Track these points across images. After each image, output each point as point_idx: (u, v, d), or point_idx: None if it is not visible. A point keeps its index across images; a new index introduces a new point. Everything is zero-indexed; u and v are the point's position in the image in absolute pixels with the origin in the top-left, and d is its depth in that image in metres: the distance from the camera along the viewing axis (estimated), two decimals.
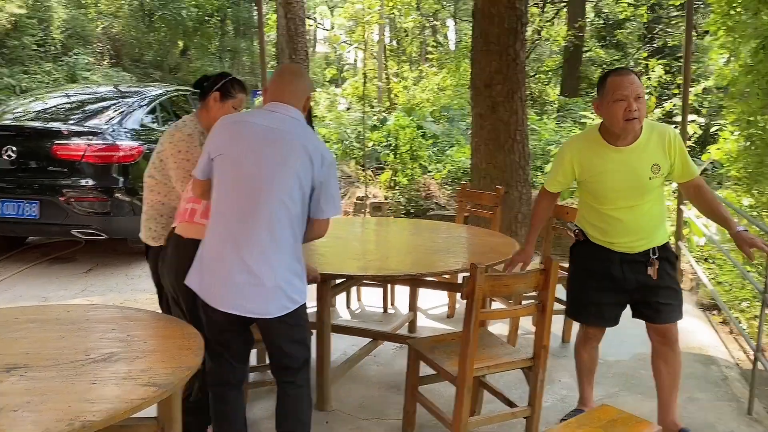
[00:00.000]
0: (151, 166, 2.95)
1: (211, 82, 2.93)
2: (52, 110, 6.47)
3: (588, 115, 8.73)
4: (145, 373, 1.82)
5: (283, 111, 2.36)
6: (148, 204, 2.95)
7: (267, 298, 2.26)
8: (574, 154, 2.85)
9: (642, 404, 3.38)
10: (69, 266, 5.91)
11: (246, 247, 2.24)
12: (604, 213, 2.84)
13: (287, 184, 2.25)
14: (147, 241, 2.94)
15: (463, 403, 2.55)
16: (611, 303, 2.95)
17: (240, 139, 2.32)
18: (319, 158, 2.29)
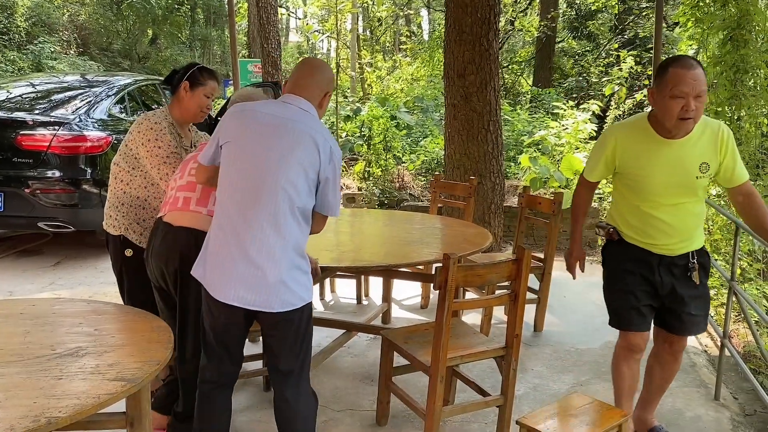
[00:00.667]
0: (118, 153, 2.94)
1: (180, 74, 2.92)
2: (16, 99, 6.31)
3: (560, 106, 8.79)
4: (113, 368, 1.78)
5: (296, 103, 2.31)
6: (111, 192, 2.95)
7: (270, 292, 2.19)
8: (618, 142, 2.60)
9: (612, 391, 3.41)
10: (36, 259, 5.80)
11: (249, 237, 2.19)
12: (644, 211, 2.60)
13: (292, 174, 2.20)
14: (107, 230, 2.93)
15: (436, 392, 2.55)
16: (649, 306, 2.70)
17: (247, 127, 2.26)
18: (328, 152, 2.25)
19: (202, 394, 2.40)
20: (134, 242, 2.89)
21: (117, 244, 2.92)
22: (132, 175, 2.89)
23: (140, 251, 2.87)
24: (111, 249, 2.98)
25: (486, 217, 6.19)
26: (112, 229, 2.92)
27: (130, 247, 2.90)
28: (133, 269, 2.90)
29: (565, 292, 5.09)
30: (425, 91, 11.92)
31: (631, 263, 2.67)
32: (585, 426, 2.24)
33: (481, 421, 3.06)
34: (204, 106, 2.94)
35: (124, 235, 2.89)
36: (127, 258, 2.91)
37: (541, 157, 7.27)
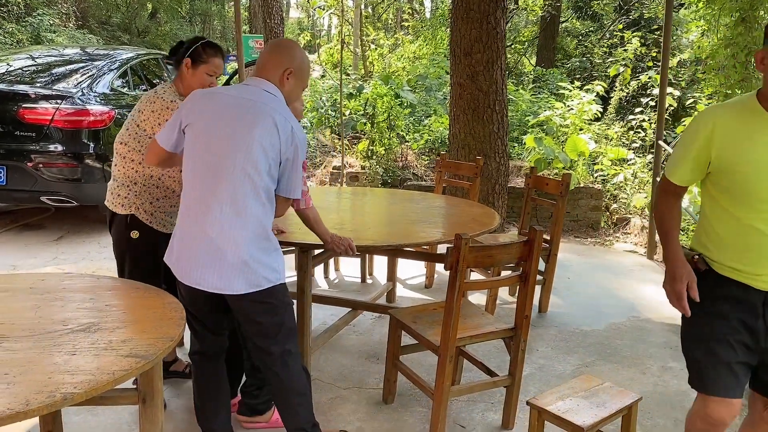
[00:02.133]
0: (125, 132, 2.81)
1: (184, 49, 2.81)
2: (17, 72, 6.24)
3: (566, 87, 8.72)
4: (127, 344, 1.77)
5: (257, 84, 2.29)
6: (121, 171, 2.83)
7: (231, 274, 2.18)
8: (717, 128, 1.91)
9: (618, 372, 3.44)
10: (39, 234, 5.78)
11: (210, 220, 2.18)
12: (747, 225, 1.91)
13: (252, 154, 2.16)
14: (115, 209, 2.82)
15: (446, 372, 2.55)
16: (745, 365, 2.00)
17: (208, 110, 2.24)
18: (288, 132, 2.21)
19: (194, 364, 2.51)
20: (144, 222, 2.80)
21: (123, 224, 2.82)
22: (143, 155, 2.76)
23: (148, 233, 2.81)
24: (115, 229, 2.88)
25: (490, 197, 6.17)
26: (120, 208, 2.81)
27: (136, 229, 2.81)
28: (137, 252, 2.84)
29: (568, 273, 5.10)
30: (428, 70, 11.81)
31: (723, 304, 1.97)
32: (596, 407, 2.24)
33: (488, 401, 3.06)
34: (206, 84, 2.83)
35: (134, 214, 2.80)
36: (132, 240, 2.82)
37: (545, 137, 7.23)
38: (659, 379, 3.39)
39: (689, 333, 2.09)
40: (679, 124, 8.25)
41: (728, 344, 1.95)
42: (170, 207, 2.88)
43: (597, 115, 8.10)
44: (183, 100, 2.79)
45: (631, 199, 6.85)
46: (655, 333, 3.99)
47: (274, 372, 2.35)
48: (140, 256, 2.85)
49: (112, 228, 2.89)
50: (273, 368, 2.35)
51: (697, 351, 2.04)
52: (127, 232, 2.82)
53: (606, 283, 4.94)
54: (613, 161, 7.37)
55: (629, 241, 6.35)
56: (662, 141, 5.50)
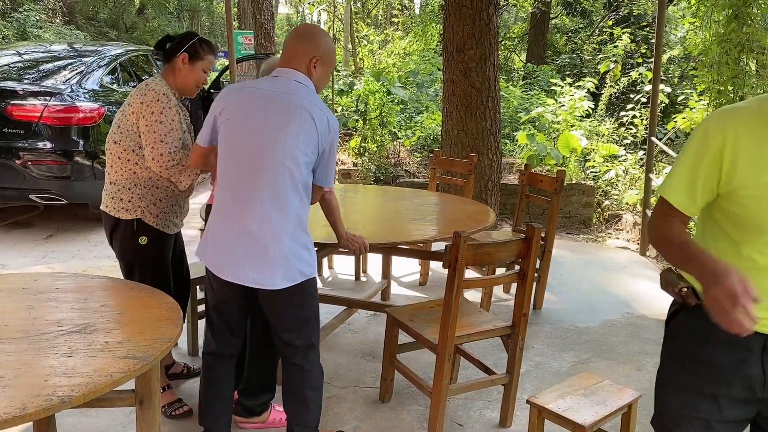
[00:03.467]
0: (117, 130, 2.67)
1: (176, 43, 2.74)
2: (4, 69, 6.15)
3: (557, 83, 8.73)
4: (123, 345, 1.74)
5: (288, 75, 2.27)
6: (118, 173, 2.67)
7: (272, 268, 2.18)
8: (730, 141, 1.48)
9: (614, 369, 3.44)
10: (28, 232, 5.71)
11: (249, 214, 2.17)
12: (749, 259, 1.52)
13: (290, 147, 2.16)
14: (118, 214, 2.66)
15: (444, 370, 2.54)
16: (731, 422, 1.63)
17: (242, 106, 2.23)
18: (325, 123, 2.20)
19: (205, 364, 2.46)
20: (152, 225, 2.69)
21: (130, 230, 2.68)
22: (139, 155, 2.65)
23: (156, 237, 2.72)
24: (120, 236, 2.71)
25: (483, 194, 6.16)
26: (124, 213, 2.66)
27: (144, 234, 2.68)
28: (148, 258, 2.73)
29: (561, 270, 5.10)
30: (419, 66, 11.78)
31: (715, 348, 1.59)
32: (596, 405, 2.23)
33: (485, 399, 3.05)
34: (201, 81, 2.78)
35: (141, 218, 2.67)
36: (140, 246, 2.70)
37: (537, 134, 7.23)
38: (650, 375, 3.38)
39: (669, 378, 1.71)
40: (670, 120, 8.28)
41: (713, 399, 1.60)
42: (172, 207, 2.77)
43: (588, 112, 8.11)
44: (176, 95, 2.73)
45: (622, 196, 6.87)
46: (650, 329, 4.00)
47: (295, 364, 2.36)
48: (151, 261, 2.74)
49: (116, 235, 2.72)
50: (293, 360, 2.36)
51: (674, 401, 1.68)
52: (135, 238, 2.69)
53: (599, 279, 4.95)
54: (605, 158, 7.38)
55: (621, 238, 6.36)
56: (654, 137, 5.51)
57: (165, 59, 2.75)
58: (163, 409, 2.78)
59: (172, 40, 2.77)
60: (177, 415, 2.81)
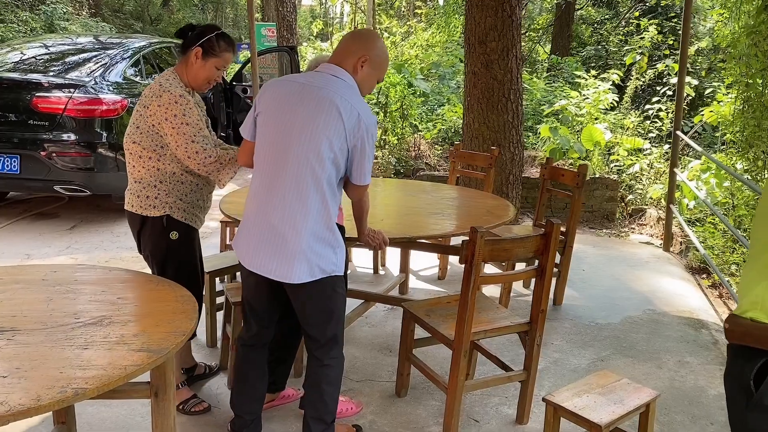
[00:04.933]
0: (135, 130, 2.62)
1: (195, 35, 2.64)
2: (30, 61, 6.24)
3: (582, 75, 8.62)
4: (138, 338, 1.75)
5: (328, 70, 2.28)
6: (141, 173, 2.64)
7: (291, 262, 2.20)
8: None
9: (633, 367, 3.39)
10: (52, 223, 5.79)
11: (272, 207, 2.21)
12: None
13: (314, 143, 2.15)
14: (146, 212, 2.63)
15: (460, 366, 2.52)
16: None
17: (275, 98, 2.25)
18: (354, 118, 2.16)
19: (237, 353, 2.53)
20: (180, 220, 2.67)
21: (159, 227, 2.64)
22: (160, 153, 2.61)
23: (186, 231, 2.70)
24: (150, 234, 2.67)
25: (504, 188, 6.11)
26: (152, 210, 2.63)
27: (175, 229, 2.66)
28: (179, 254, 2.71)
29: (583, 265, 5.04)
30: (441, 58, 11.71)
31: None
32: (613, 404, 2.20)
33: (502, 395, 3.03)
34: (213, 78, 2.69)
35: (170, 214, 2.64)
36: (172, 242, 2.67)
37: (561, 127, 7.15)
38: (676, 374, 3.34)
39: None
40: (697, 113, 8.13)
41: None
42: (197, 201, 2.75)
43: (613, 105, 8.00)
44: (189, 92, 2.66)
45: (647, 190, 6.77)
46: (672, 327, 3.94)
47: (315, 357, 2.39)
48: (183, 256, 2.73)
49: (145, 233, 2.69)
50: (314, 353, 2.39)
51: None
52: (165, 234, 2.66)
53: (621, 275, 4.88)
54: (629, 151, 7.28)
55: (645, 233, 6.27)
56: (680, 131, 5.41)
57: (182, 50, 2.69)
58: (181, 407, 2.80)
59: (194, 29, 2.68)
60: (196, 412, 2.82)
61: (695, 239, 4.98)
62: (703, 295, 4.57)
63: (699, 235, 5.41)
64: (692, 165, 6.37)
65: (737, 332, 1.35)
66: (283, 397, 2.88)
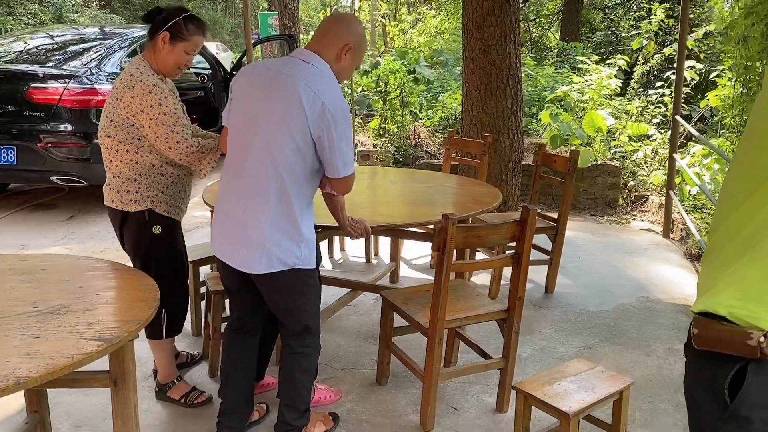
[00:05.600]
0: (109, 124, 2.52)
1: (162, 18, 2.52)
2: (31, 52, 6.27)
3: (584, 60, 8.50)
4: (93, 327, 1.74)
5: (303, 57, 2.21)
6: (119, 167, 2.55)
7: (248, 251, 2.18)
8: None
9: (621, 355, 3.34)
10: (50, 213, 5.83)
11: (236, 196, 2.20)
12: None
13: (275, 132, 2.11)
14: (127, 207, 2.56)
15: (434, 354, 2.49)
16: None
17: (248, 84, 2.22)
18: (317, 107, 2.07)
19: (224, 338, 2.53)
20: (163, 214, 2.61)
21: (141, 221, 2.58)
22: (138, 146, 2.53)
23: (168, 225, 2.65)
24: (131, 229, 2.61)
25: (503, 175, 6.05)
26: (133, 204, 2.56)
27: (157, 223, 2.60)
28: (163, 247, 2.66)
29: (580, 253, 4.98)
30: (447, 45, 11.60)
31: None
32: (584, 392, 2.16)
33: (483, 383, 3.00)
34: (182, 63, 2.58)
35: (151, 208, 2.57)
36: (155, 236, 2.61)
37: (562, 113, 7.06)
38: (664, 361, 3.29)
39: None
40: (703, 98, 7.99)
41: None
42: (179, 192, 2.70)
43: (617, 90, 7.88)
44: (162, 79, 2.58)
45: (649, 176, 6.67)
46: (664, 314, 3.88)
47: (288, 344, 2.38)
48: (167, 250, 2.69)
49: (127, 229, 2.63)
50: (287, 340, 2.38)
51: None
52: (147, 229, 2.60)
53: (618, 262, 4.82)
54: (633, 137, 7.17)
55: (646, 220, 6.19)
56: (678, 116, 5.31)
57: (149, 34, 2.57)
58: (182, 400, 2.80)
59: (161, 12, 2.56)
60: (199, 403, 2.81)
61: (692, 226, 4.90)
62: None
63: (698, 222, 5.33)
64: (694, 150, 6.26)
65: (710, 338, 1.22)
66: (263, 385, 2.88)
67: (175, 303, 2.78)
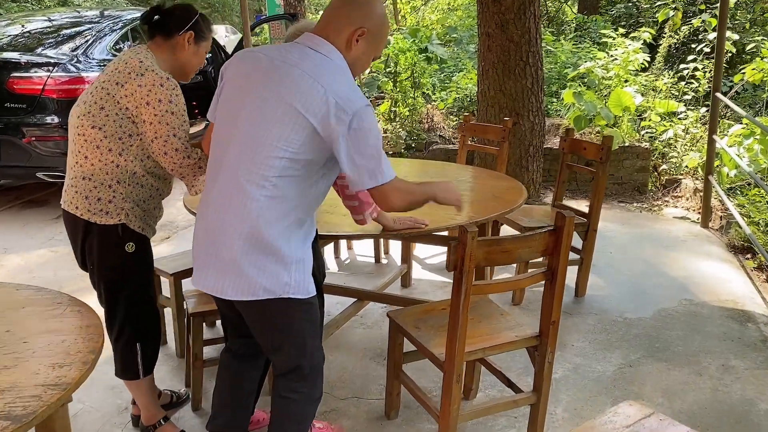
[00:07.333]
0: (99, 112, 2.13)
1: (180, 17, 2.25)
2: (16, 38, 5.86)
3: (609, 34, 7.95)
4: (5, 396, 1.34)
5: (310, 43, 1.78)
6: (95, 166, 2.14)
7: (221, 274, 1.78)
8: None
9: (668, 375, 2.90)
10: (39, 211, 5.46)
11: (212, 209, 1.80)
12: None
13: (262, 131, 1.70)
14: (96, 218, 2.15)
15: (452, 393, 2.07)
16: None
17: (238, 74, 1.82)
18: (324, 106, 1.66)
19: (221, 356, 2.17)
20: (137, 230, 2.23)
21: (113, 237, 2.19)
22: (124, 146, 2.15)
23: (143, 243, 2.26)
24: (100, 244, 2.20)
25: (523, 161, 5.59)
26: (104, 216, 2.16)
27: (131, 240, 2.22)
28: (135, 268, 2.27)
29: (610, 247, 4.52)
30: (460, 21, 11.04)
31: None
32: None
33: (510, 415, 2.57)
34: (201, 65, 2.38)
35: (125, 222, 2.19)
36: (129, 255, 2.23)
37: (586, 92, 6.54)
38: (719, 382, 2.84)
39: None
40: (737, 71, 7.42)
41: None
42: (154, 209, 2.32)
43: (644, 65, 7.33)
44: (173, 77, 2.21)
45: (682, 158, 6.16)
46: (713, 321, 3.42)
47: (276, 385, 1.97)
48: (139, 272, 2.30)
49: (91, 243, 2.21)
50: (275, 380, 1.98)
51: None
52: (120, 246, 2.21)
53: (654, 257, 4.35)
54: (662, 116, 6.64)
55: (680, 206, 5.69)
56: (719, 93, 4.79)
57: (164, 33, 2.24)
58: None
59: (160, 11, 2.25)
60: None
61: (737, 214, 4.41)
62: (748, 280, 4.01)
63: (742, 209, 4.83)
64: (733, 130, 5.73)
65: None
66: (253, 422, 2.47)
67: (151, 334, 2.39)
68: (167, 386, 2.79)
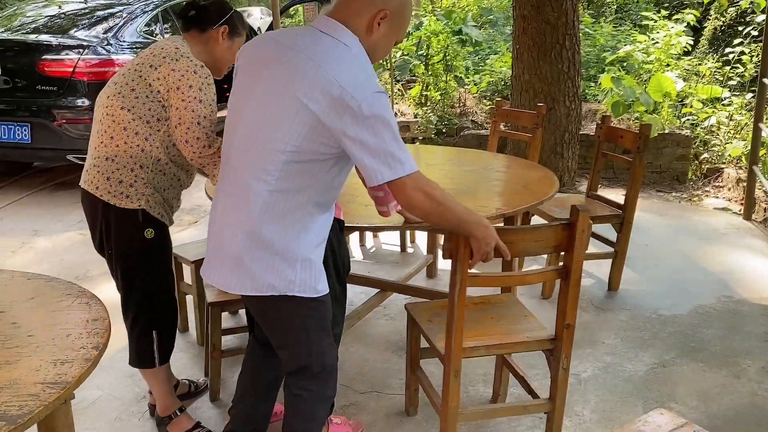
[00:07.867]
0: (130, 93, 2.10)
1: (215, 12, 2.25)
2: (47, 20, 5.88)
3: (650, 16, 7.66)
4: (2, 393, 1.29)
5: (324, 27, 1.67)
6: (121, 148, 2.11)
7: (224, 267, 1.75)
8: None
9: (703, 376, 2.77)
10: (71, 193, 5.50)
11: (220, 200, 1.78)
12: None
13: (269, 121, 1.63)
14: (116, 201, 2.12)
15: (449, 389, 2.00)
16: None
17: (249, 61, 1.76)
18: (333, 94, 1.55)
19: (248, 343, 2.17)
20: (157, 217, 2.19)
21: (132, 222, 2.16)
22: (154, 128, 2.12)
23: (162, 230, 2.24)
24: (119, 228, 2.18)
25: (558, 147, 5.43)
26: (124, 200, 2.13)
27: (151, 226, 2.19)
28: (153, 255, 2.24)
29: (646, 240, 4.35)
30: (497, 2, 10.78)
31: None
32: None
33: (534, 415, 2.47)
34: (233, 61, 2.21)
35: (145, 208, 2.16)
36: (148, 241, 2.20)
37: (625, 77, 6.31)
38: (759, 386, 2.70)
39: None
40: None
41: None
42: (173, 199, 2.29)
43: (687, 49, 7.05)
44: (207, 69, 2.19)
45: (724, 147, 5.91)
46: (753, 319, 3.26)
47: (286, 382, 1.92)
48: (158, 259, 2.27)
49: (110, 226, 2.18)
50: (286, 377, 1.93)
51: None
52: (139, 231, 2.18)
53: (692, 251, 4.17)
54: (705, 102, 6.38)
55: (721, 197, 5.47)
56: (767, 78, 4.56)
57: (199, 27, 2.24)
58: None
59: (195, 6, 2.27)
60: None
61: None
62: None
63: None
64: None
65: None
66: None
67: (168, 323, 2.36)
68: (187, 375, 2.76)
